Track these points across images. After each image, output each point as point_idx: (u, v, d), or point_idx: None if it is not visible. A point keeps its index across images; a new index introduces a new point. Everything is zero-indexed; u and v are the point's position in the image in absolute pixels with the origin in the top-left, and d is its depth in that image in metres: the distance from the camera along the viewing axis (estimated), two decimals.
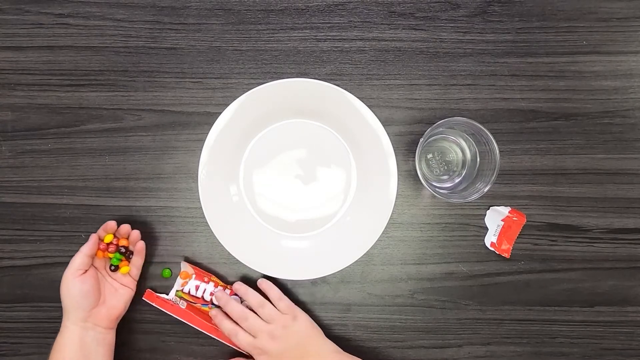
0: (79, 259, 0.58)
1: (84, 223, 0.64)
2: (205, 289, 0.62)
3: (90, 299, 0.57)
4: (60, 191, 0.64)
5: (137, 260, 0.62)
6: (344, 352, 0.59)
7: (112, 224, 0.61)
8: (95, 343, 0.57)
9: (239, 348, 0.60)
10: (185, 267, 0.63)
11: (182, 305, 0.62)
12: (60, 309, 0.64)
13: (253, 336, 0.57)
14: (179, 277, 0.63)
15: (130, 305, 0.62)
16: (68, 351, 0.56)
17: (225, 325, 0.59)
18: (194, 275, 0.62)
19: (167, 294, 0.63)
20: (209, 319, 0.62)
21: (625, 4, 0.65)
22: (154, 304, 0.62)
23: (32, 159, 0.64)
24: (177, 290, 0.63)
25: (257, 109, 0.62)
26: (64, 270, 0.60)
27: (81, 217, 0.64)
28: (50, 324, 0.64)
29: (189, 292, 0.62)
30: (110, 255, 0.61)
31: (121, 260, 0.61)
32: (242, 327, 0.58)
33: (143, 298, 0.62)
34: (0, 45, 0.65)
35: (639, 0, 0.65)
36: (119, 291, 0.60)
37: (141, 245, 0.61)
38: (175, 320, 0.62)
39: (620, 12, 0.65)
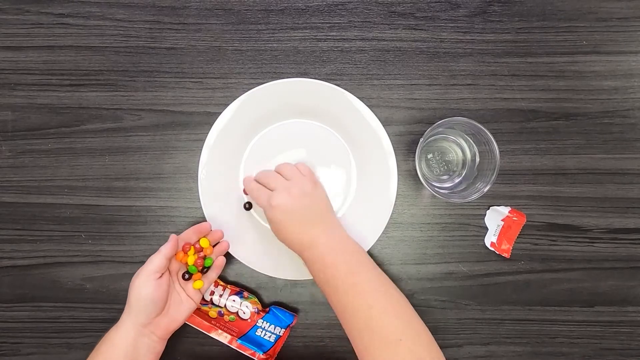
0: (158, 261, 0.54)
1: (84, 223, 0.64)
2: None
3: (157, 306, 0.54)
4: (60, 191, 0.64)
5: (212, 275, 0.59)
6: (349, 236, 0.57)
7: (206, 225, 0.59)
8: (146, 350, 0.54)
9: (261, 207, 0.58)
10: None
11: None
12: (59, 308, 0.64)
13: (272, 190, 0.57)
14: None
15: None
16: (118, 351, 0.53)
17: (251, 184, 0.60)
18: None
19: None
20: (209, 319, 0.62)
21: (625, 4, 0.65)
22: None
23: (32, 159, 0.64)
24: None
25: (257, 109, 0.62)
26: (63, 270, 0.60)
27: (81, 217, 0.64)
28: (50, 323, 0.64)
29: None
30: (190, 260, 0.57)
31: (197, 270, 0.58)
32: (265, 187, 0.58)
33: None
34: (0, 45, 0.65)
35: (639, 0, 0.65)
36: (183, 303, 0.57)
37: (222, 261, 0.60)
38: None
39: (620, 12, 0.65)
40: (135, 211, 0.64)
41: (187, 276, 0.58)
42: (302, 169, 0.60)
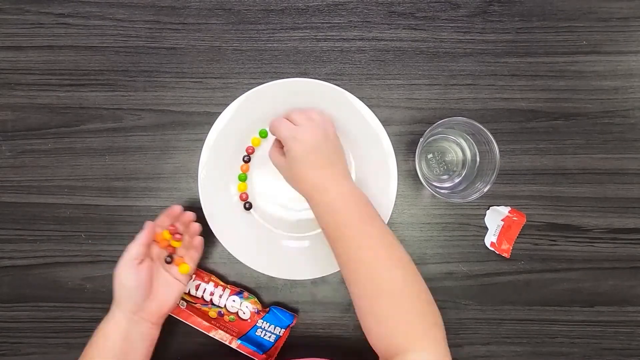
0: (135, 248, 0.55)
1: (84, 223, 0.64)
2: (205, 289, 0.62)
3: (140, 291, 0.55)
4: (60, 191, 0.64)
5: (194, 254, 0.60)
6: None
7: (177, 208, 0.59)
8: (140, 337, 0.55)
9: (278, 142, 0.58)
10: None
11: (182, 305, 0.62)
12: (59, 308, 0.64)
13: (295, 125, 0.56)
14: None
15: None
16: (112, 341, 0.53)
17: (275, 119, 0.57)
18: (194, 275, 0.62)
19: None
20: (209, 319, 0.62)
21: (625, 4, 0.65)
22: None
23: (32, 159, 0.64)
24: None
25: (257, 109, 0.62)
26: (63, 270, 0.60)
27: (81, 217, 0.64)
28: (50, 323, 0.64)
29: (189, 292, 0.62)
30: (172, 243, 0.59)
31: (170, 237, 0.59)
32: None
33: None
34: (0, 45, 0.65)
35: (639, 0, 0.65)
36: (171, 285, 0.58)
37: (199, 240, 0.60)
38: (176, 320, 0.62)
39: (620, 12, 0.65)
40: (136, 211, 0.64)
41: (168, 259, 0.59)
42: (327, 118, 0.59)
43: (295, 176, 0.55)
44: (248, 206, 0.63)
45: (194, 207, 0.64)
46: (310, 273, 0.62)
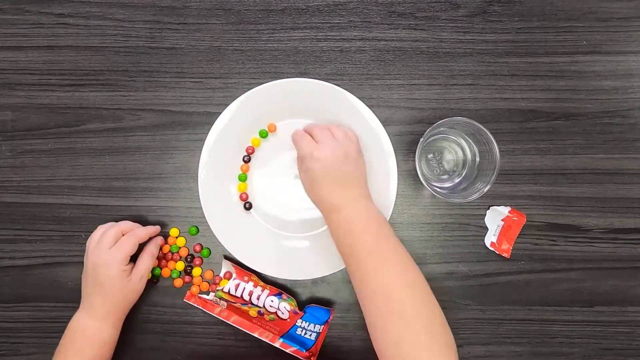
0: (149, 263, 0.60)
1: (84, 223, 0.64)
2: (244, 288, 0.61)
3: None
4: (60, 191, 0.64)
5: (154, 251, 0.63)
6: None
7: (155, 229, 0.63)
8: (115, 339, 0.59)
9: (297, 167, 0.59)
10: (227, 266, 0.63)
11: (223, 305, 0.61)
12: (59, 308, 0.64)
13: (317, 142, 0.56)
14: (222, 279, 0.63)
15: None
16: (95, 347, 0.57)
17: (299, 132, 0.59)
18: (234, 275, 0.62)
19: (208, 294, 0.63)
20: (249, 318, 0.61)
21: (625, 4, 0.65)
22: (195, 305, 0.61)
23: (32, 159, 0.64)
24: (217, 290, 0.62)
25: (257, 109, 0.62)
26: (63, 270, 0.60)
27: (81, 217, 0.64)
28: (50, 323, 0.64)
29: (229, 291, 0.61)
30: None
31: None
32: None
33: (184, 299, 0.62)
34: (0, 45, 0.65)
35: (639, 0, 0.65)
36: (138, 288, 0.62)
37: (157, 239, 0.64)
38: (176, 320, 0.62)
39: (620, 12, 0.65)
40: (135, 211, 0.64)
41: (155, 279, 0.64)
42: (350, 135, 0.59)
43: (312, 194, 0.57)
44: (248, 206, 0.63)
45: (194, 207, 0.64)
46: (310, 273, 0.61)
